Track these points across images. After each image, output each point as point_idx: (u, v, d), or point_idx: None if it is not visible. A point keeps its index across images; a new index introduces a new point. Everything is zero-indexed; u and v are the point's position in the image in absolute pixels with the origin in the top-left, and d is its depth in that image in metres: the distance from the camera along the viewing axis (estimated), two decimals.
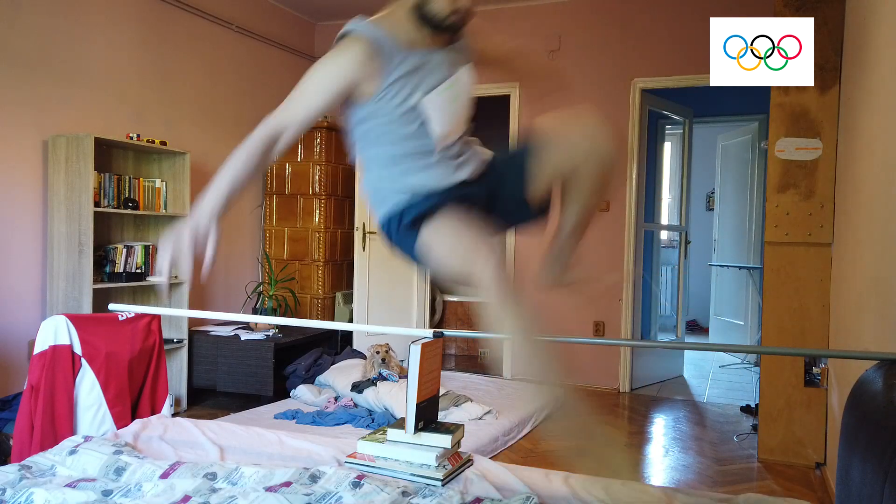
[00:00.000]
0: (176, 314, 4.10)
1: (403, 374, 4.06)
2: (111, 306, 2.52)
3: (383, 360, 4.12)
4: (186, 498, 1.62)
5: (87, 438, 2.05)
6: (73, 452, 1.94)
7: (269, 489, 1.67)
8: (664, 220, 6.29)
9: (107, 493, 1.66)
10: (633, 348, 4.95)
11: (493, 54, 1.77)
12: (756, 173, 5.91)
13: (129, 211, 3.86)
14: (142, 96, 4.23)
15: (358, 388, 3.92)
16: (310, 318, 5.20)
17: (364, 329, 4.62)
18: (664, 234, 6.96)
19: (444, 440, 1.95)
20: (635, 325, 5.01)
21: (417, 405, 1.93)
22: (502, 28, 5.26)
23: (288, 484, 1.72)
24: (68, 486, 1.68)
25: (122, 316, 2.47)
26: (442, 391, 3.82)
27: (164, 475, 1.79)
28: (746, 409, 4.32)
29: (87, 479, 1.75)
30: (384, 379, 4.03)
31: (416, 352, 1.92)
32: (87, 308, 3.56)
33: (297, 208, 5.24)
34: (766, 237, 3.48)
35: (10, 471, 1.79)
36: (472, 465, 2.02)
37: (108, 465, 1.84)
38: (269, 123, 1.43)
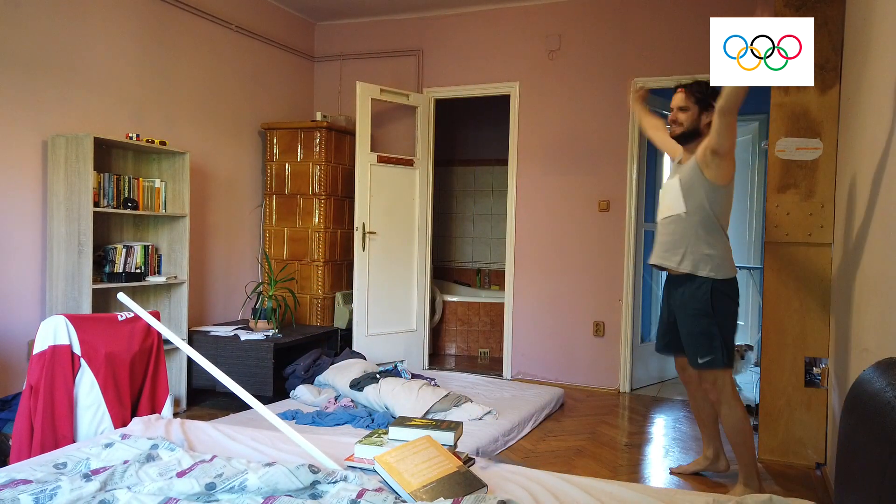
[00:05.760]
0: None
1: None
2: (120, 296, 2.50)
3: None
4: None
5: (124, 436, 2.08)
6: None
7: None
8: None
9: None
10: (633, 347, 4.95)
11: None
12: (756, 173, 5.91)
13: (128, 211, 3.86)
14: (142, 96, 4.23)
15: (358, 385, 3.91)
16: (309, 319, 5.20)
17: (362, 333, 4.59)
18: None
19: (447, 437, 1.99)
20: (635, 325, 5.01)
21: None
22: (503, 28, 5.26)
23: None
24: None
25: (122, 316, 2.47)
26: (443, 392, 3.82)
27: (181, 474, 1.79)
28: (746, 409, 4.30)
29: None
30: (392, 375, 4.03)
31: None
32: (86, 308, 3.56)
33: (297, 208, 5.23)
34: (767, 237, 3.48)
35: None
36: (472, 464, 2.02)
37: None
38: None
